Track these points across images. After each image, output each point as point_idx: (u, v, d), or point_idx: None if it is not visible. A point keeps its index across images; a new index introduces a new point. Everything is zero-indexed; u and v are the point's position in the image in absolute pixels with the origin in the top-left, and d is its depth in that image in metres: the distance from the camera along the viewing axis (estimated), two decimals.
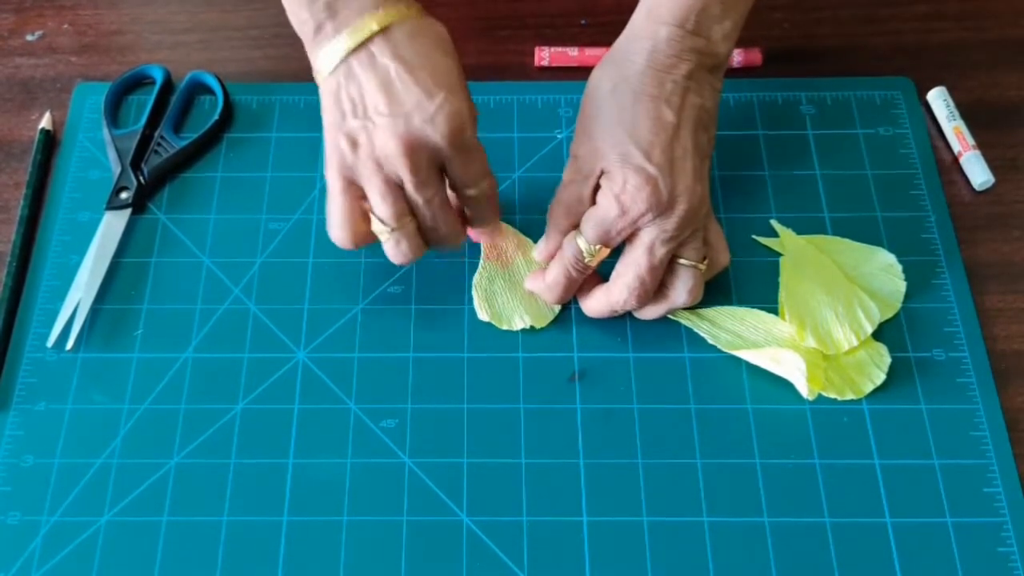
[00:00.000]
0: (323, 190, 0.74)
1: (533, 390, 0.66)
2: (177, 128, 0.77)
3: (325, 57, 0.62)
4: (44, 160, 0.76)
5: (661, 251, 0.64)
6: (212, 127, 0.76)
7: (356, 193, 0.63)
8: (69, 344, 0.67)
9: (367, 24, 0.61)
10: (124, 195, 0.73)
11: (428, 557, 0.61)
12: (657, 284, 0.65)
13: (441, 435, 0.65)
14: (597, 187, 0.65)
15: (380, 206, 0.62)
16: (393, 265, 0.71)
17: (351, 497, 0.63)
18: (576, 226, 0.66)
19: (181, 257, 0.72)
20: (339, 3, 0.62)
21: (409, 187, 0.62)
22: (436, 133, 0.60)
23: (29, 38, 0.83)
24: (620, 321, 0.69)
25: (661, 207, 0.62)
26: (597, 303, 0.67)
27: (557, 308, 0.69)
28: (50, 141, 0.77)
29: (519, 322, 0.68)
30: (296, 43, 0.67)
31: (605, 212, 0.64)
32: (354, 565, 0.61)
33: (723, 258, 0.68)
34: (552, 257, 0.67)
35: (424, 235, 0.65)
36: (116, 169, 0.75)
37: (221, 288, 0.70)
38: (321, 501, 0.63)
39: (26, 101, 0.79)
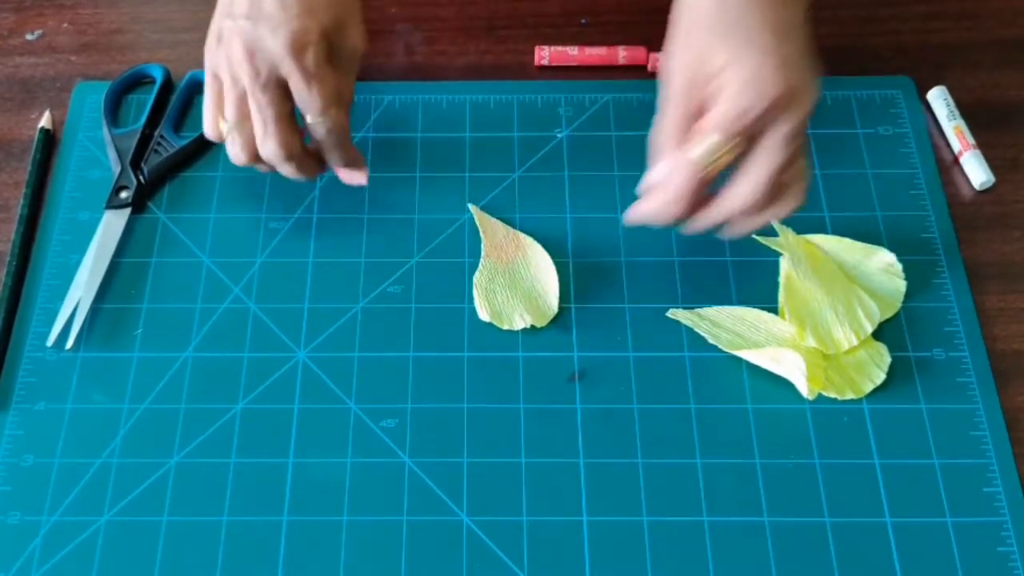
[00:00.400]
0: (323, 189, 0.74)
1: (533, 390, 0.66)
2: (177, 127, 0.77)
3: None
4: (44, 159, 0.76)
5: (795, 144, 0.60)
6: None
7: (219, 87, 0.67)
8: (69, 343, 0.67)
9: None
10: (124, 194, 0.73)
11: (428, 557, 0.61)
12: (781, 180, 0.62)
13: (441, 435, 0.65)
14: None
15: (225, 102, 0.66)
16: (393, 265, 0.71)
17: (351, 497, 0.63)
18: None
19: (181, 256, 0.72)
20: None
21: (248, 91, 0.64)
22: (275, 45, 0.63)
23: (29, 37, 0.83)
24: (620, 321, 0.69)
25: (795, 94, 0.59)
26: (720, 207, 0.63)
27: (556, 307, 0.69)
28: (50, 140, 0.77)
29: (520, 321, 0.68)
30: None
31: (737, 100, 0.59)
32: (354, 565, 0.61)
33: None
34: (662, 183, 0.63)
35: (259, 143, 0.66)
36: (116, 168, 0.75)
37: (221, 288, 0.70)
38: (321, 501, 0.63)
39: (26, 100, 0.79)
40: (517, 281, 0.70)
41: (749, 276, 0.70)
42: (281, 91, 0.65)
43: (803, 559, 0.61)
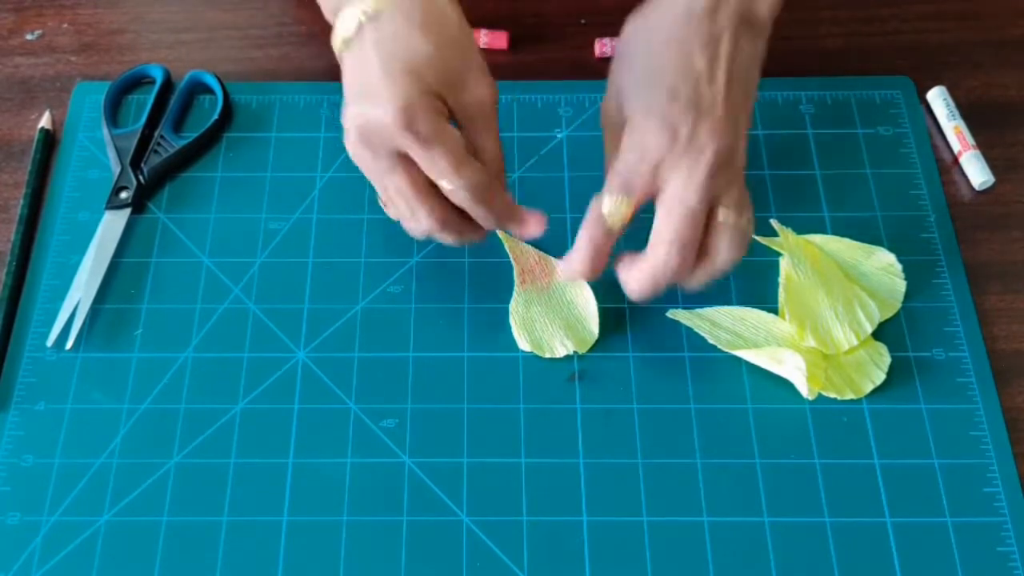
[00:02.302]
0: (323, 189, 0.74)
1: (533, 390, 0.66)
2: (177, 128, 0.77)
3: (335, 43, 0.62)
4: (44, 160, 0.76)
5: (693, 199, 0.59)
6: (212, 127, 0.76)
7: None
8: (69, 344, 0.67)
9: (357, 13, 0.60)
10: (124, 195, 0.73)
11: (428, 557, 0.61)
12: (697, 240, 0.61)
13: (441, 435, 0.65)
14: None
15: (377, 189, 0.63)
16: (393, 265, 0.71)
17: (351, 497, 0.63)
18: None
19: (181, 257, 0.72)
20: None
21: (368, 175, 0.62)
22: (383, 120, 0.58)
23: (28, 37, 0.83)
24: (620, 321, 0.69)
25: (681, 150, 0.59)
26: (640, 274, 0.62)
27: (596, 332, 0.68)
28: (50, 140, 0.77)
29: (561, 348, 0.67)
30: (296, 43, 0.67)
31: (624, 158, 0.61)
32: (354, 565, 0.61)
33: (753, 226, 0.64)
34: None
35: (409, 224, 0.64)
36: (116, 169, 0.75)
37: (221, 288, 0.70)
38: (321, 501, 0.63)
39: (26, 100, 0.79)
40: (555, 308, 0.69)
41: (749, 276, 0.70)
42: (409, 165, 0.61)
43: (803, 559, 0.61)
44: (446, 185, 0.61)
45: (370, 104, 0.59)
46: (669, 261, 0.61)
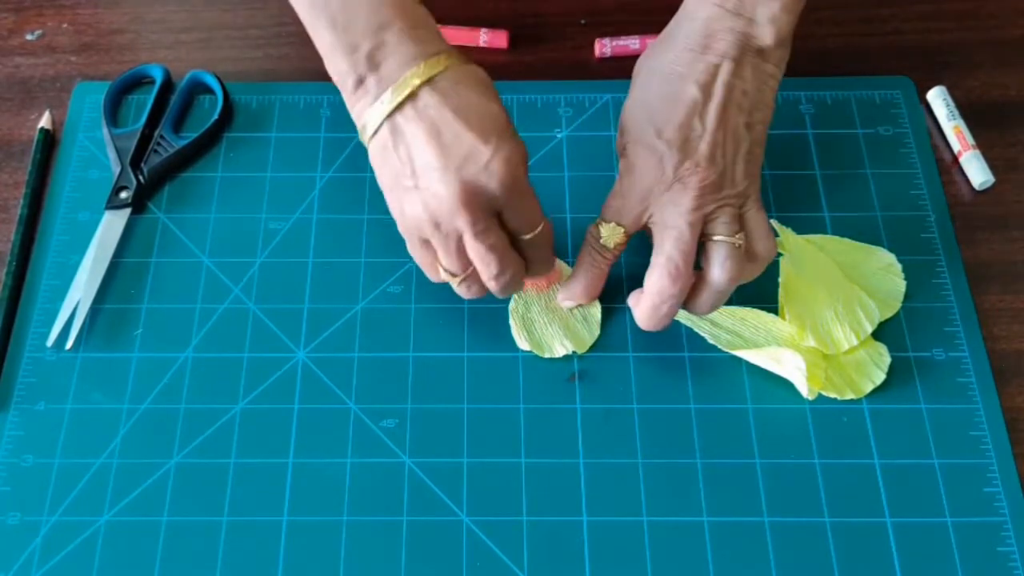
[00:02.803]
0: (323, 189, 0.74)
1: (533, 390, 0.66)
2: (177, 128, 0.77)
3: (370, 115, 0.60)
4: (43, 160, 0.76)
5: (681, 224, 0.62)
6: (212, 127, 0.76)
7: (428, 246, 0.63)
8: (69, 344, 0.67)
9: (410, 80, 0.59)
10: (124, 195, 0.73)
11: (428, 557, 0.61)
12: (690, 264, 0.63)
13: (441, 435, 0.65)
14: None
15: (445, 260, 0.62)
16: (393, 265, 0.71)
17: (351, 497, 0.63)
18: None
19: (181, 257, 0.72)
20: (380, 54, 0.60)
21: (469, 239, 0.60)
22: (492, 180, 0.59)
23: (28, 37, 0.83)
24: (620, 321, 0.69)
25: (667, 182, 0.62)
26: (643, 304, 0.64)
27: (597, 331, 0.68)
28: (49, 140, 0.77)
29: (560, 348, 0.68)
30: (296, 43, 0.67)
31: (616, 188, 0.64)
32: (354, 565, 0.61)
33: (761, 246, 0.65)
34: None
35: (491, 282, 0.63)
36: (116, 169, 0.75)
37: (221, 288, 0.70)
38: (321, 501, 0.63)
39: (25, 100, 0.79)
40: (555, 308, 0.69)
41: None
42: (499, 224, 0.61)
43: (803, 559, 0.61)
44: (529, 237, 0.62)
45: (475, 167, 0.58)
46: (664, 284, 0.63)
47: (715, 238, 0.63)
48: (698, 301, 0.65)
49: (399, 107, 0.59)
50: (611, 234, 0.64)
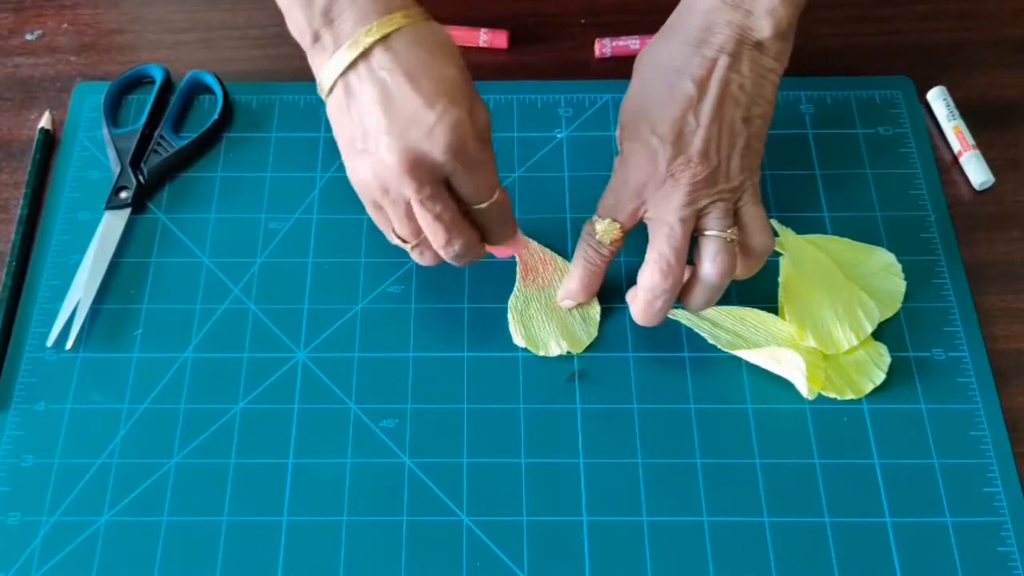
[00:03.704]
0: (323, 189, 0.74)
1: (533, 390, 0.66)
2: (177, 128, 0.77)
3: (325, 73, 0.60)
4: (43, 160, 0.76)
5: (673, 220, 0.62)
6: (212, 127, 0.76)
7: (382, 210, 0.62)
8: (69, 344, 0.67)
9: (363, 38, 0.58)
10: (124, 195, 0.73)
11: (428, 557, 0.61)
12: (683, 259, 0.63)
13: (441, 435, 0.65)
14: None
15: (397, 226, 0.62)
16: (393, 265, 0.71)
17: (351, 497, 0.63)
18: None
19: (181, 257, 0.72)
20: (336, 9, 0.59)
21: (416, 206, 0.60)
22: (435, 147, 0.57)
23: (28, 37, 0.83)
24: (620, 321, 0.69)
25: (660, 177, 0.62)
26: (638, 300, 0.65)
27: (595, 332, 0.68)
28: (49, 141, 0.77)
29: (555, 347, 0.67)
30: (296, 43, 0.67)
31: (611, 184, 0.65)
32: (354, 565, 0.61)
33: (757, 241, 0.64)
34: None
35: (443, 250, 0.62)
36: (116, 169, 0.75)
37: (221, 288, 0.70)
38: (321, 501, 0.63)
39: (25, 100, 0.79)
40: (554, 307, 0.69)
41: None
42: (447, 192, 0.60)
43: (803, 559, 0.61)
44: (482, 207, 0.61)
45: (419, 133, 0.57)
46: (655, 280, 0.63)
47: (707, 233, 0.63)
48: (691, 297, 0.65)
49: (352, 65, 0.58)
50: (607, 230, 0.65)
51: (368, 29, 0.58)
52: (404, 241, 0.63)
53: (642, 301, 0.64)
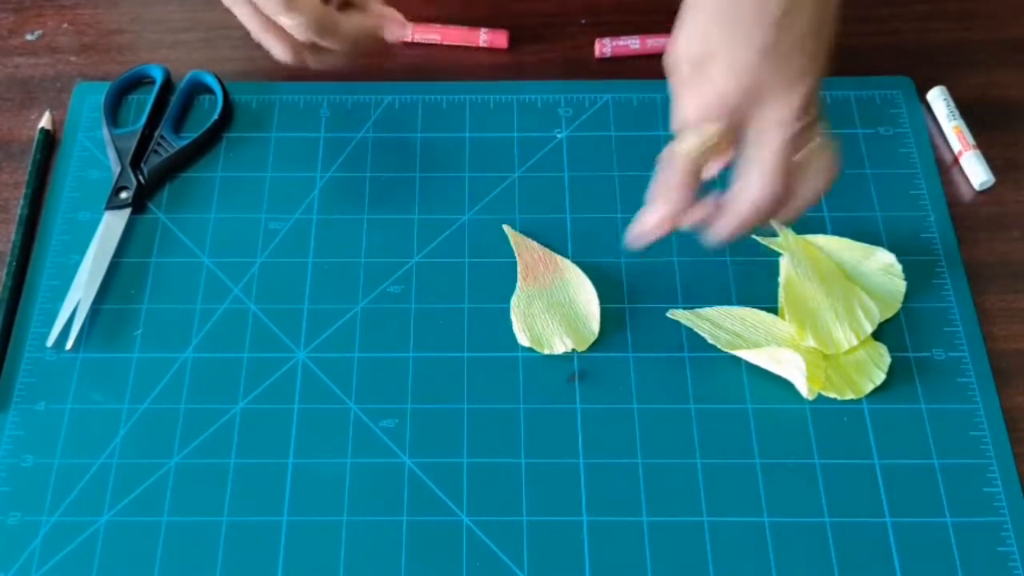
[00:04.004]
0: (323, 190, 0.74)
1: (533, 390, 0.66)
2: (177, 128, 0.77)
3: None
4: (44, 160, 0.76)
5: (796, 126, 0.59)
6: (212, 127, 0.76)
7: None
8: (69, 344, 0.67)
9: None
10: (124, 195, 0.73)
11: (428, 557, 0.61)
12: (793, 169, 0.60)
13: (441, 435, 0.65)
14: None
15: (244, 22, 0.68)
16: (393, 265, 0.71)
17: (351, 497, 0.63)
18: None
19: (181, 257, 0.72)
20: None
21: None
22: None
23: (28, 37, 0.83)
24: (620, 321, 0.69)
25: (777, 83, 0.58)
26: (738, 209, 0.61)
27: (597, 330, 0.68)
28: (50, 141, 0.77)
29: (560, 345, 0.67)
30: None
31: (714, 88, 0.59)
32: (354, 565, 0.61)
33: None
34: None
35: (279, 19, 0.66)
36: (116, 169, 0.75)
37: (221, 288, 0.70)
38: (321, 501, 0.63)
39: (25, 101, 0.79)
40: (555, 305, 0.69)
41: (749, 276, 0.70)
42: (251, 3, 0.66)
43: (803, 559, 0.61)
44: (285, 22, 0.66)
45: None
46: (772, 189, 0.60)
47: (811, 146, 0.60)
48: (788, 209, 0.62)
49: None
50: (707, 139, 0.60)
51: None
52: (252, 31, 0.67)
53: (749, 212, 0.60)
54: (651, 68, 0.71)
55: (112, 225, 0.72)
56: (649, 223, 0.62)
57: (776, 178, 0.60)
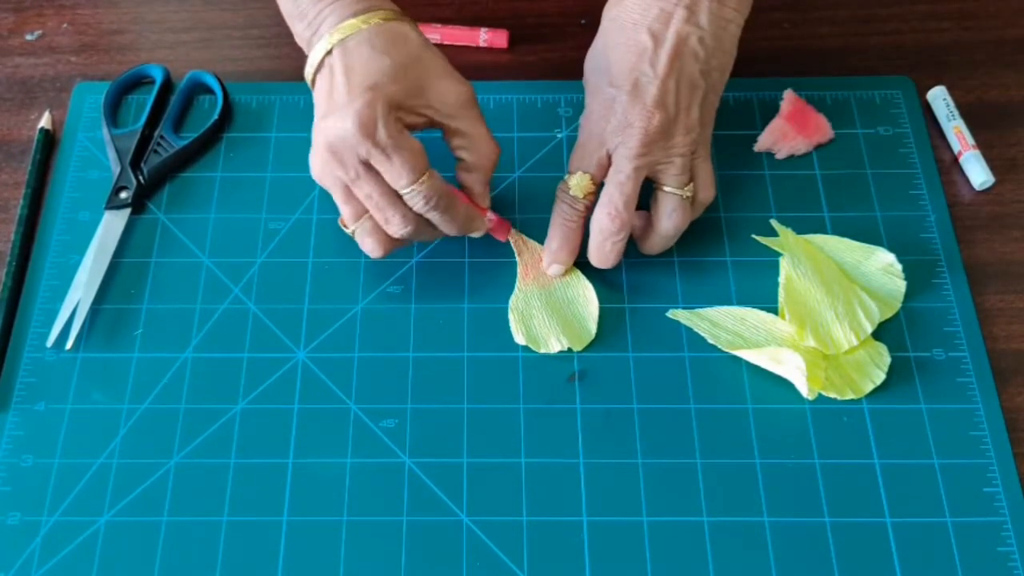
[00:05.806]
0: (323, 189, 0.74)
1: (533, 390, 0.66)
2: (177, 128, 0.77)
3: (307, 71, 0.66)
4: (43, 160, 0.76)
5: (627, 168, 0.65)
6: (212, 127, 0.76)
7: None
8: (69, 344, 0.67)
9: (325, 44, 0.64)
10: (124, 195, 0.73)
11: (428, 557, 0.61)
12: (632, 206, 0.65)
13: (441, 435, 0.65)
14: None
15: (340, 207, 0.66)
16: (393, 265, 0.71)
17: (351, 497, 0.63)
18: None
19: (181, 257, 0.72)
20: (319, 19, 0.65)
21: (352, 188, 0.64)
22: (346, 131, 0.61)
23: (28, 37, 0.83)
24: (620, 321, 0.69)
25: (619, 125, 0.64)
26: (590, 241, 0.67)
27: (595, 330, 0.68)
28: (49, 141, 0.77)
29: (555, 344, 0.68)
30: (296, 43, 0.67)
31: (579, 139, 0.67)
32: (354, 565, 0.61)
33: (703, 195, 0.68)
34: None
35: (386, 229, 0.66)
36: (116, 169, 0.75)
37: (221, 288, 0.70)
38: (321, 501, 0.63)
39: (25, 101, 0.79)
40: (554, 305, 0.69)
41: (749, 276, 0.70)
42: (376, 173, 0.63)
43: (803, 559, 0.61)
44: (405, 192, 0.64)
45: (335, 118, 0.62)
46: (604, 223, 0.65)
47: (665, 188, 0.66)
48: (647, 243, 0.69)
49: (320, 64, 0.65)
50: (579, 183, 0.66)
51: (331, 33, 0.64)
52: (346, 226, 0.67)
53: (594, 242, 0.67)
54: None
55: (112, 225, 0.72)
56: (548, 257, 0.69)
57: (605, 215, 0.65)
